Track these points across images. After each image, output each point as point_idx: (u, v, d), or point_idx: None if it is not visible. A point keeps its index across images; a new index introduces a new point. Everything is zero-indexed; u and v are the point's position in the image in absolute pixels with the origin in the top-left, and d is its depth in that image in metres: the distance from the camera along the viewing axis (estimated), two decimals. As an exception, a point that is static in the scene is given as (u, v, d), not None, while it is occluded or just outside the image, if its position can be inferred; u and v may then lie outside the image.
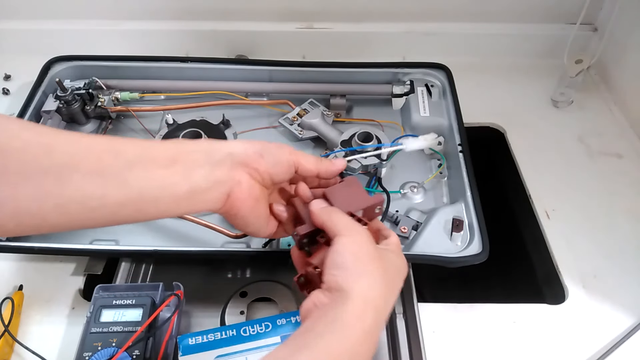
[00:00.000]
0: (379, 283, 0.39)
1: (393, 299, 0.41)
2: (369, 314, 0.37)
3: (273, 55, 0.84)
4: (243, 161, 0.44)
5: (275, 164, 0.45)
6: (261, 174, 0.44)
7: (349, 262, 0.39)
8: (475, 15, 0.87)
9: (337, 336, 0.36)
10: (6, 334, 0.50)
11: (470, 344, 0.54)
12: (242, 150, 0.44)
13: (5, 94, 0.82)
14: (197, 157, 0.42)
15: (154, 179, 0.40)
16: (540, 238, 0.65)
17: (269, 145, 0.46)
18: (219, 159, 0.43)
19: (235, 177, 0.43)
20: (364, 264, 0.39)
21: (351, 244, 0.40)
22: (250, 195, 0.44)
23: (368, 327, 0.37)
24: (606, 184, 0.70)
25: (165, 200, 0.41)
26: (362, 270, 0.39)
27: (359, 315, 0.37)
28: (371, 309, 0.38)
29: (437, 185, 0.67)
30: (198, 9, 0.86)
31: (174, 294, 0.51)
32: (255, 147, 0.45)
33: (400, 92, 0.74)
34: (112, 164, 0.39)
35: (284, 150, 0.46)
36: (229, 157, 0.43)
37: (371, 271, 0.39)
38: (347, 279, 0.38)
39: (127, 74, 0.76)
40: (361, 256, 0.40)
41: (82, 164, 0.38)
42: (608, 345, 0.54)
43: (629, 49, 0.80)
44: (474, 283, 0.81)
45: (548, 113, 0.81)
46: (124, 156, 0.40)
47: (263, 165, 0.44)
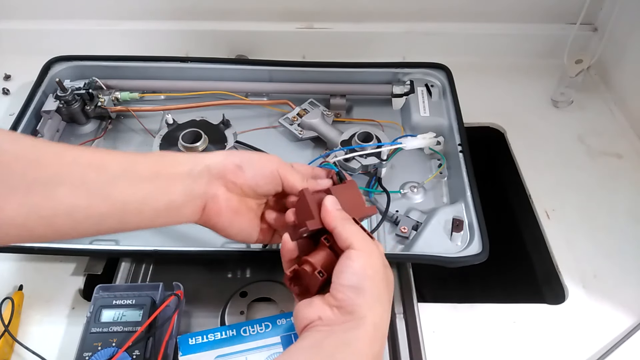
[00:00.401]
0: (387, 309, 0.40)
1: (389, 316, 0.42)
2: (378, 341, 0.39)
3: (273, 55, 0.84)
4: (220, 174, 0.44)
5: (256, 176, 0.45)
6: (240, 186, 0.45)
7: (367, 287, 0.39)
8: (475, 15, 0.87)
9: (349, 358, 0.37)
10: (6, 334, 0.50)
11: (470, 344, 0.54)
12: (220, 163, 0.44)
13: (5, 94, 0.82)
14: (178, 170, 0.43)
15: (136, 193, 0.41)
16: (540, 238, 0.65)
17: (252, 157, 0.46)
18: (197, 172, 0.44)
19: (210, 191, 0.44)
20: (379, 291, 0.40)
21: (368, 266, 0.40)
22: (227, 207, 0.45)
23: (377, 353, 0.38)
24: (606, 184, 0.70)
25: (146, 213, 0.42)
26: (377, 297, 0.40)
27: (371, 342, 0.38)
28: (380, 335, 0.39)
29: (437, 185, 0.67)
30: (198, 9, 0.86)
31: (174, 294, 0.51)
32: (235, 159, 0.45)
33: (400, 92, 0.74)
34: (97, 178, 0.40)
35: (271, 163, 0.46)
36: (206, 171, 0.44)
37: (385, 299, 0.40)
38: (363, 306, 0.39)
39: (127, 74, 0.76)
40: (377, 282, 0.40)
41: (68, 178, 0.39)
42: (608, 345, 0.54)
43: (629, 49, 0.80)
44: (474, 283, 0.81)
45: (548, 113, 0.81)
46: (109, 170, 0.41)
47: (241, 177, 0.44)
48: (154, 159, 0.44)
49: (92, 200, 0.39)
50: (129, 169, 0.42)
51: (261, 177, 0.45)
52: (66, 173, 0.39)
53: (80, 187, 0.39)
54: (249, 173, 0.45)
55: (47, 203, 0.38)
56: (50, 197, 0.38)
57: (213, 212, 0.45)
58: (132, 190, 0.41)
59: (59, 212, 0.38)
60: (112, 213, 0.41)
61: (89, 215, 0.40)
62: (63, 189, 0.38)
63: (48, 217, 0.38)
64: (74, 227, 0.40)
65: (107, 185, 0.40)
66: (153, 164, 0.43)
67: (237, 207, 0.46)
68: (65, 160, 0.40)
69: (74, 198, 0.39)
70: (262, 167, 0.45)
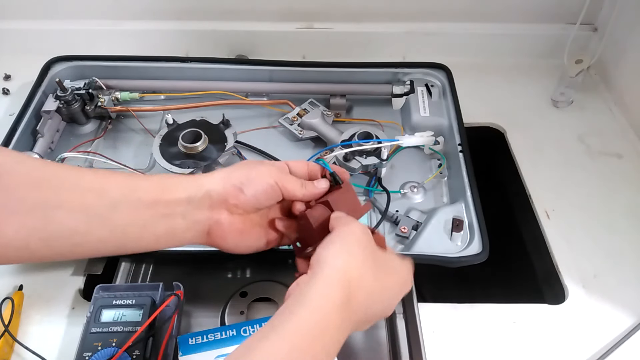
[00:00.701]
0: (359, 260, 0.39)
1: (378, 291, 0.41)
2: (338, 287, 0.37)
3: (273, 55, 0.84)
4: (222, 199, 0.44)
5: (257, 193, 0.44)
6: (242, 207, 0.44)
7: (335, 241, 0.40)
8: (475, 15, 0.87)
9: (305, 310, 0.36)
10: (6, 334, 0.50)
11: (470, 344, 0.54)
12: (220, 187, 0.44)
13: (5, 94, 0.82)
14: (178, 196, 0.43)
15: (136, 219, 0.41)
16: (540, 238, 0.65)
17: (251, 173, 0.45)
18: (198, 199, 0.43)
19: (213, 217, 0.44)
20: (347, 242, 0.40)
21: (344, 232, 0.41)
22: (231, 231, 0.45)
23: (338, 301, 0.37)
24: (606, 184, 0.70)
25: (146, 238, 0.42)
26: (343, 247, 0.39)
27: (328, 283, 0.37)
28: (341, 278, 0.37)
29: (437, 185, 0.67)
30: (198, 9, 0.86)
31: (174, 294, 0.51)
32: (234, 181, 0.44)
33: (400, 92, 0.74)
34: (97, 203, 0.40)
35: (270, 176, 0.45)
36: (207, 197, 0.44)
37: (352, 248, 0.39)
38: (326, 254, 0.39)
39: (127, 74, 0.76)
40: (347, 237, 0.40)
41: (68, 202, 0.39)
42: (608, 345, 0.54)
43: (629, 49, 0.80)
44: (474, 283, 0.81)
45: (548, 113, 0.81)
46: (109, 195, 0.41)
47: (243, 199, 0.44)
48: (155, 184, 0.44)
49: (91, 225, 0.40)
50: (129, 194, 0.42)
51: (262, 194, 0.45)
52: (66, 197, 0.39)
53: (80, 212, 0.39)
54: (249, 193, 0.44)
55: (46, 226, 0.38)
56: (49, 221, 0.38)
57: (218, 237, 0.45)
58: (132, 217, 0.41)
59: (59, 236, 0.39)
60: (112, 238, 0.41)
61: (88, 240, 0.40)
62: (63, 213, 0.39)
63: (47, 240, 0.39)
64: (72, 250, 0.40)
65: (106, 211, 0.40)
66: (154, 189, 0.43)
67: (242, 228, 0.45)
68: (66, 184, 0.40)
69: (74, 222, 0.39)
70: (261, 183, 0.45)
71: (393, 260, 0.43)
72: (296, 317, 0.35)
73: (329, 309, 0.36)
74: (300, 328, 0.35)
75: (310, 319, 0.35)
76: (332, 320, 0.36)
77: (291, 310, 0.36)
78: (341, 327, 0.37)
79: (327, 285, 0.37)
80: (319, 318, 0.35)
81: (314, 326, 0.35)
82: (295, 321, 0.35)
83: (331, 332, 0.36)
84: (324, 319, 0.36)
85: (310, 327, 0.35)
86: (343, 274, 0.38)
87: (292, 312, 0.36)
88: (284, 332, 0.35)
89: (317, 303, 0.36)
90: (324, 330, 0.35)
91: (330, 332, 0.36)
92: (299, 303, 0.36)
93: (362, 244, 0.40)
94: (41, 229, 0.38)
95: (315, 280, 0.37)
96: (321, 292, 0.36)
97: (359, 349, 0.53)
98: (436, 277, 0.76)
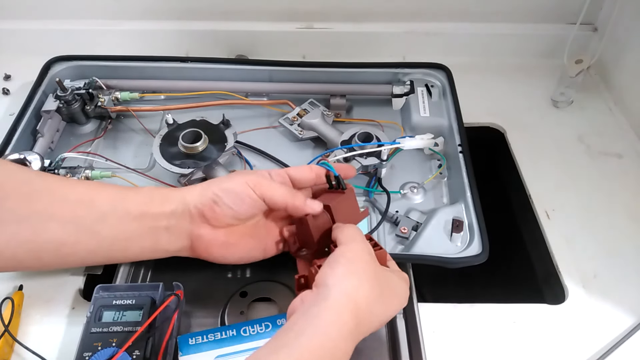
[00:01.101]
0: (367, 287, 0.39)
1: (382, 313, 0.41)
2: (347, 314, 0.37)
3: (273, 55, 0.84)
4: (199, 213, 0.44)
5: (234, 205, 0.44)
6: (221, 219, 0.44)
7: (341, 262, 0.39)
8: (475, 15, 0.87)
9: (316, 332, 0.36)
10: (6, 334, 0.50)
11: (470, 344, 0.54)
12: (197, 201, 0.44)
13: (5, 94, 0.82)
14: (164, 209, 0.43)
15: (123, 231, 0.42)
16: (540, 238, 0.65)
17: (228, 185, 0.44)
18: (180, 212, 0.44)
19: (194, 231, 0.44)
20: (354, 266, 0.39)
21: (348, 250, 0.40)
22: (215, 244, 0.45)
23: (347, 330, 0.37)
24: (606, 184, 0.70)
25: (132, 250, 0.43)
26: (351, 270, 0.39)
27: (338, 311, 0.37)
28: (352, 308, 0.37)
29: (437, 186, 0.67)
30: (198, 9, 0.86)
31: (174, 294, 0.51)
32: (210, 193, 0.44)
33: (400, 92, 0.74)
34: (86, 214, 0.41)
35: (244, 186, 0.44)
36: (187, 210, 0.44)
37: (360, 274, 0.39)
38: (333, 276, 0.38)
39: (127, 74, 0.76)
40: (354, 260, 0.40)
41: (58, 214, 0.40)
42: (608, 345, 0.54)
43: (629, 49, 0.80)
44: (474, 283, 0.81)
45: (548, 113, 0.81)
46: (98, 207, 0.42)
47: (218, 211, 0.44)
48: (143, 196, 0.44)
49: (80, 237, 0.40)
50: (117, 206, 0.42)
51: (240, 205, 0.44)
52: (56, 209, 0.40)
53: (69, 223, 0.40)
54: (224, 206, 0.44)
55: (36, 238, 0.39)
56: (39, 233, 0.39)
57: (202, 250, 0.45)
58: (120, 229, 0.42)
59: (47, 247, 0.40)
60: (99, 249, 0.42)
61: (76, 251, 0.41)
62: (52, 224, 0.39)
63: (36, 251, 0.39)
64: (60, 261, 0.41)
65: (95, 223, 0.41)
66: (141, 202, 0.43)
67: (226, 240, 0.45)
68: (57, 196, 0.41)
69: (63, 234, 0.40)
70: (237, 194, 0.44)
71: (393, 280, 0.43)
72: (306, 338, 0.35)
73: (338, 336, 0.36)
74: (311, 350, 0.35)
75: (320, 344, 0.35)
76: (341, 348, 0.36)
77: (301, 330, 0.36)
78: (348, 352, 0.37)
79: (336, 313, 0.37)
80: (329, 345, 0.36)
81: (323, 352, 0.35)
82: (305, 343, 0.35)
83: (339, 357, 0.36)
84: (334, 347, 0.36)
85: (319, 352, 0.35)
86: (353, 301, 0.38)
87: (302, 333, 0.36)
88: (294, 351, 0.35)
89: (326, 329, 0.36)
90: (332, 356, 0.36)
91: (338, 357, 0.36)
92: (309, 324, 0.36)
93: (369, 267, 0.40)
94: (31, 240, 0.39)
95: (325, 305, 0.37)
96: (331, 319, 0.36)
97: (359, 349, 0.52)
98: (436, 277, 0.76)
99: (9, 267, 0.41)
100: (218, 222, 0.45)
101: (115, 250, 0.42)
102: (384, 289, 0.41)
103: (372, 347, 0.53)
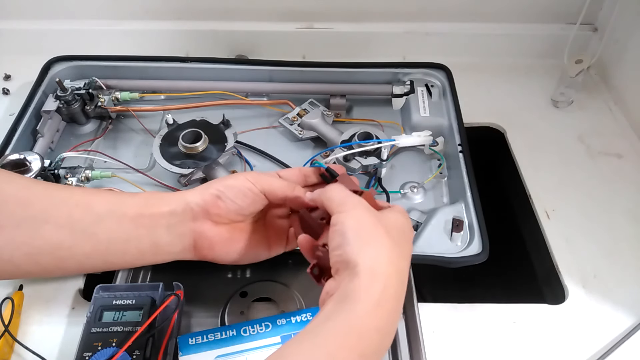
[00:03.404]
0: (386, 249, 0.37)
1: (404, 262, 0.39)
2: (377, 284, 0.35)
3: (273, 55, 0.84)
4: (202, 209, 0.44)
5: (237, 199, 0.44)
6: (225, 215, 0.44)
7: (350, 237, 0.37)
8: (475, 15, 0.87)
9: (343, 315, 0.34)
10: (6, 334, 0.50)
11: (470, 344, 0.54)
12: (199, 198, 0.44)
13: (5, 94, 0.82)
14: (162, 210, 0.43)
15: (121, 233, 0.42)
16: (540, 238, 0.65)
17: (228, 181, 0.45)
18: (180, 211, 0.44)
19: (197, 229, 0.44)
20: (366, 234, 0.38)
21: (349, 219, 0.38)
22: (219, 240, 0.45)
23: (377, 298, 0.35)
24: (606, 184, 0.70)
25: (130, 252, 0.43)
26: (365, 240, 0.37)
27: (367, 287, 0.35)
28: (380, 278, 0.36)
29: (437, 186, 0.67)
30: (198, 9, 0.86)
31: (174, 294, 0.51)
32: (212, 190, 0.44)
33: (400, 92, 0.74)
34: (82, 217, 0.41)
35: (245, 180, 0.44)
36: (189, 209, 0.44)
37: (374, 239, 0.37)
38: (351, 254, 0.36)
39: (127, 74, 0.76)
40: (361, 228, 0.38)
41: (54, 216, 0.40)
42: (608, 345, 0.54)
43: (629, 49, 0.80)
44: (474, 283, 0.81)
45: (548, 113, 0.81)
46: (95, 210, 0.42)
47: (223, 207, 0.44)
48: (140, 199, 0.44)
49: (76, 240, 0.40)
50: (114, 208, 0.42)
51: (242, 200, 0.44)
52: (53, 212, 0.40)
53: (65, 226, 0.40)
54: (228, 201, 0.44)
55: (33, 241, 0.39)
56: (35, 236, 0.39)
57: (205, 248, 0.45)
58: (116, 231, 0.42)
59: (44, 251, 0.40)
60: (96, 253, 0.42)
61: (72, 254, 0.41)
62: (48, 227, 0.39)
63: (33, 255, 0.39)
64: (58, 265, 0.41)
65: (91, 225, 0.41)
66: (138, 204, 0.43)
67: (230, 236, 0.45)
68: (54, 200, 0.41)
69: (59, 237, 0.40)
70: (240, 189, 0.44)
71: (398, 222, 0.41)
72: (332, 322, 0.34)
73: (367, 309, 0.35)
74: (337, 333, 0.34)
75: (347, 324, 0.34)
76: (372, 320, 0.35)
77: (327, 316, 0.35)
78: (381, 323, 0.35)
79: (366, 288, 0.35)
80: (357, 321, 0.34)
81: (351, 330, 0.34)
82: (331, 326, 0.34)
83: (371, 333, 0.35)
84: (364, 320, 0.34)
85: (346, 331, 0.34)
86: (379, 268, 0.36)
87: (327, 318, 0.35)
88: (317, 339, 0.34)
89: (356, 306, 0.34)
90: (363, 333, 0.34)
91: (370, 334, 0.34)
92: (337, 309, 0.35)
93: (376, 228, 0.38)
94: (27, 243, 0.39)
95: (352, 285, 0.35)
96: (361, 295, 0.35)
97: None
98: (436, 277, 0.76)
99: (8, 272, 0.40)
100: (221, 219, 0.45)
101: (113, 253, 0.42)
102: (395, 236, 0.39)
103: (372, 347, 0.53)
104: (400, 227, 0.40)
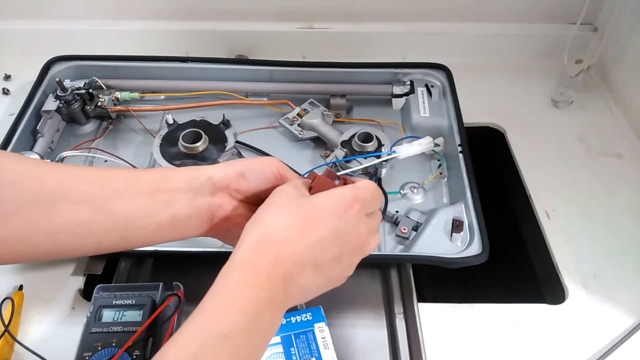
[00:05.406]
0: (285, 215, 0.38)
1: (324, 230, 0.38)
2: (256, 250, 0.36)
3: (273, 55, 0.84)
4: (224, 184, 0.44)
5: (260, 180, 0.44)
6: (244, 194, 0.44)
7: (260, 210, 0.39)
8: (475, 15, 0.87)
9: (218, 287, 0.37)
10: (6, 334, 0.50)
11: (470, 344, 0.54)
12: (222, 173, 0.44)
13: (5, 94, 0.82)
14: (180, 185, 0.43)
15: (138, 208, 0.41)
16: (540, 238, 0.65)
17: (253, 162, 0.45)
18: (200, 184, 0.43)
19: (216, 202, 0.44)
20: (269, 202, 0.39)
21: (272, 195, 0.40)
22: (235, 216, 0.44)
23: (255, 265, 0.36)
24: (606, 184, 0.70)
25: (149, 227, 0.42)
26: (263, 208, 0.39)
27: (245, 255, 0.37)
28: (262, 243, 0.37)
29: (437, 186, 0.67)
30: (198, 9, 0.86)
31: (174, 294, 0.51)
32: (237, 167, 0.44)
33: (400, 93, 0.74)
34: (99, 193, 0.40)
35: (272, 164, 0.45)
36: (209, 182, 0.43)
37: (273, 208, 0.39)
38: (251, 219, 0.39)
39: (127, 74, 0.76)
40: (275, 195, 0.40)
41: (70, 193, 0.39)
42: (608, 345, 0.54)
43: (629, 49, 0.80)
44: (474, 283, 0.81)
45: (548, 113, 0.81)
46: (111, 186, 0.41)
47: (245, 185, 0.44)
48: (156, 175, 0.44)
49: (95, 216, 0.40)
50: (131, 184, 0.42)
51: (265, 182, 0.44)
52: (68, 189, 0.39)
53: (83, 202, 0.39)
54: (252, 179, 0.44)
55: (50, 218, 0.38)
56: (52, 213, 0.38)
57: (222, 223, 0.44)
58: (135, 205, 0.41)
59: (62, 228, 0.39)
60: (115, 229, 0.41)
61: (91, 231, 0.40)
62: (66, 204, 0.39)
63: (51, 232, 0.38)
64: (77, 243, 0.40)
65: (109, 201, 0.40)
66: (155, 179, 0.43)
67: (246, 214, 0.45)
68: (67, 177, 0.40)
69: (77, 213, 0.39)
70: (264, 171, 0.45)
71: (315, 198, 0.40)
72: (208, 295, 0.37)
73: (243, 277, 0.37)
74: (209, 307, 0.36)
75: (218, 296, 0.37)
76: (250, 287, 0.36)
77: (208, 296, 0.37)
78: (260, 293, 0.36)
79: (243, 256, 0.37)
80: (226, 290, 0.37)
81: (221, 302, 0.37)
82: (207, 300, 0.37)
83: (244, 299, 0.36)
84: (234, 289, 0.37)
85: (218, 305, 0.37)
86: (264, 233, 0.37)
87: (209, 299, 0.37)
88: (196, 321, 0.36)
89: (231, 275, 0.37)
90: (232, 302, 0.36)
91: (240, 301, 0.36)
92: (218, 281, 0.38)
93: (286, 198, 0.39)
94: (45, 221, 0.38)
95: (232, 256, 0.37)
96: (239, 263, 0.37)
97: (359, 349, 0.53)
98: (436, 277, 0.76)
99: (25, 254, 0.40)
100: (240, 196, 0.45)
101: (131, 228, 0.41)
102: (323, 210, 0.38)
103: (372, 347, 0.53)
104: (338, 200, 0.40)
